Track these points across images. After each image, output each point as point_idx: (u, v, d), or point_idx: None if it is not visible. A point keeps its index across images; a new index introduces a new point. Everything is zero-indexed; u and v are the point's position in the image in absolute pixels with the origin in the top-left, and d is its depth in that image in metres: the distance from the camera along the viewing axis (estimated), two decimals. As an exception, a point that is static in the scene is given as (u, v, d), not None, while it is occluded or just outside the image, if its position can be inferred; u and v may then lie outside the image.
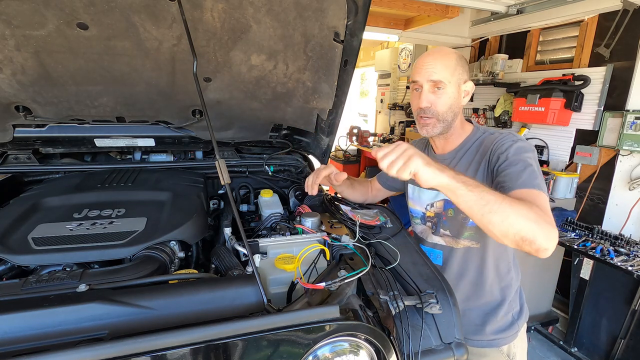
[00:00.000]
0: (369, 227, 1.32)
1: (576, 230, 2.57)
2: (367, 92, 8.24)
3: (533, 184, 0.98)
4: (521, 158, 1.04)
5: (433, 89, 1.14)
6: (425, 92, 1.14)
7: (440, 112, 1.15)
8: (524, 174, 1.00)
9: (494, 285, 1.24)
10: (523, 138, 1.13)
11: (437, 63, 1.12)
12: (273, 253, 1.13)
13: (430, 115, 1.16)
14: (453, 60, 1.13)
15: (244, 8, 1.06)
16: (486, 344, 1.25)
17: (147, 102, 1.46)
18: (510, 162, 1.05)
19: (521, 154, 1.06)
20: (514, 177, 1.00)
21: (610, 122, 2.64)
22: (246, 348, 0.70)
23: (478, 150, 1.19)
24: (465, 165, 1.20)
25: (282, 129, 1.87)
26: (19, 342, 0.70)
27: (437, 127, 1.17)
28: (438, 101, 1.14)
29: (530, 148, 1.09)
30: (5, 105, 1.35)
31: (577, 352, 2.57)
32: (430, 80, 1.13)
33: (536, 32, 3.26)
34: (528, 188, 0.97)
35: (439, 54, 1.14)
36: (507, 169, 1.04)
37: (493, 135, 1.18)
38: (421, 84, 1.15)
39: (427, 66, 1.13)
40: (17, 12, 0.97)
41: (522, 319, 1.29)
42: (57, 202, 1.30)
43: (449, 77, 1.12)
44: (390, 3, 3.05)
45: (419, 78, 1.15)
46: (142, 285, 0.87)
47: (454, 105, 1.16)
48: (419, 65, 1.16)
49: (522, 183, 0.98)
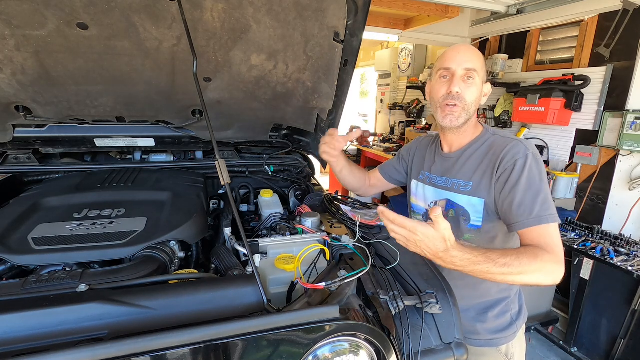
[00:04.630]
0: (369, 227, 1.32)
1: (576, 230, 2.57)
2: (367, 92, 8.24)
3: (547, 218, 1.00)
4: (533, 181, 1.04)
5: (464, 78, 1.13)
6: (457, 78, 1.12)
7: (467, 101, 1.13)
8: (537, 205, 1.01)
9: (492, 287, 1.24)
10: (533, 147, 1.11)
11: (472, 53, 1.13)
12: (273, 253, 1.13)
13: (458, 102, 1.13)
14: (482, 58, 1.15)
15: (244, 8, 1.06)
16: (484, 344, 1.25)
17: (147, 102, 1.46)
18: (522, 187, 1.04)
19: (534, 175, 1.05)
20: (528, 210, 1.02)
21: (610, 122, 2.64)
22: (246, 348, 0.70)
23: (487, 154, 1.16)
24: (472, 168, 1.18)
25: (282, 129, 1.87)
26: (19, 342, 0.70)
27: (462, 117, 1.15)
28: (467, 90, 1.13)
29: (540, 163, 1.08)
30: (5, 105, 1.35)
31: (577, 352, 2.57)
32: (465, 67, 1.11)
33: (536, 32, 3.26)
34: (542, 224, 1.00)
35: (471, 47, 1.16)
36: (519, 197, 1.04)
37: (503, 140, 1.15)
38: (454, 70, 1.13)
39: (463, 54, 1.12)
40: (17, 12, 0.97)
41: (521, 320, 1.29)
42: (57, 202, 1.31)
43: (480, 70, 1.13)
44: (390, 3, 3.05)
45: (452, 65, 1.13)
46: (142, 285, 0.87)
47: (478, 100, 1.16)
48: (452, 54, 1.14)
49: (535, 219, 1.01)
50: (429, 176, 1.31)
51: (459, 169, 1.21)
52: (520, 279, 0.92)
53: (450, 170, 1.24)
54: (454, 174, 1.22)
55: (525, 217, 1.02)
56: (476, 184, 1.15)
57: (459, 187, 1.20)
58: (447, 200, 1.25)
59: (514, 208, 1.04)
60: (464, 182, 1.19)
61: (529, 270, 0.92)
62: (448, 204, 1.24)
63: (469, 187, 1.17)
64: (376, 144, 5.05)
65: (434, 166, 1.30)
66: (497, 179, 1.10)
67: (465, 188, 1.18)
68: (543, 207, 1.01)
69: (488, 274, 0.91)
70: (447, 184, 1.24)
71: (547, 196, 1.04)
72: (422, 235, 0.86)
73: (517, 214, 1.04)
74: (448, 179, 1.24)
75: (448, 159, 1.26)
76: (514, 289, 1.28)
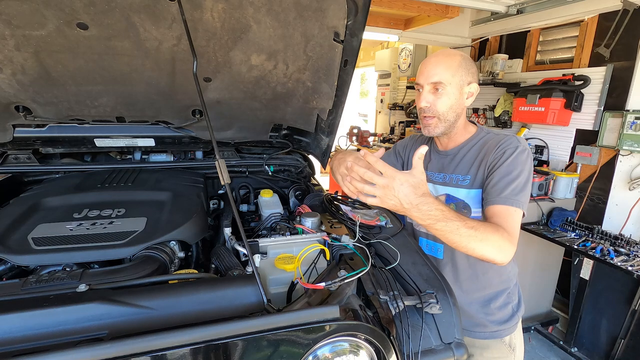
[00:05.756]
0: (369, 227, 1.32)
1: (576, 230, 2.57)
2: (367, 92, 8.24)
3: (512, 201, 1.07)
4: (514, 169, 1.10)
5: (433, 90, 1.18)
6: (425, 92, 1.19)
7: (440, 112, 1.18)
8: (508, 189, 1.08)
9: (495, 278, 1.27)
10: (525, 143, 1.16)
11: (438, 65, 1.16)
12: (273, 253, 1.13)
13: (431, 114, 1.19)
14: (456, 62, 1.15)
15: (244, 8, 1.06)
16: (489, 336, 1.28)
17: (147, 102, 1.46)
18: (502, 171, 1.11)
19: (517, 165, 1.11)
20: (498, 190, 1.09)
21: (610, 122, 2.64)
22: (246, 348, 0.70)
23: (482, 149, 1.21)
24: (468, 163, 1.23)
25: (282, 129, 1.87)
26: (19, 342, 0.70)
27: (439, 127, 1.20)
28: (438, 101, 1.17)
29: (528, 158, 1.13)
30: (5, 105, 1.35)
31: (577, 352, 2.57)
32: (431, 82, 1.17)
33: (536, 32, 3.26)
34: (506, 205, 1.07)
35: (442, 56, 1.18)
36: (496, 179, 1.11)
37: (498, 136, 1.21)
38: (422, 84, 1.20)
39: (430, 68, 1.17)
40: (17, 12, 0.97)
41: (521, 311, 1.33)
42: (57, 202, 1.31)
43: (450, 78, 1.15)
44: (390, 3, 3.05)
45: (420, 79, 1.20)
46: (142, 285, 0.87)
47: (455, 106, 1.18)
48: (421, 68, 1.20)
49: (501, 198, 1.07)
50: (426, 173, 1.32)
51: (456, 165, 1.25)
52: (479, 246, 0.95)
53: (447, 167, 1.28)
54: (452, 170, 1.26)
55: (493, 195, 1.09)
56: (473, 176, 1.20)
57: (457, 181, 1.24)
58: (447, 195, 1.26)
59: (488, 187, 1.12)
60: (462, 177, 1.23)
61: (489, 239, 0.96)
62: (448, 199, 1.26)
63: (467, 180, 1.21)
64: (376, 144, 5.04)
65: (430, 163, 1.33)
66: (488, 168, 1.16)
67: (464, 182, 1.22)
68: (512, 192, 1.08)
69: (456, 234, 0.93)
70: (445, 179, 1.27)
71: (522, 186, 1.09)
72: (400, 181, 0.86)
73: (488, 192, 1.12)
74: (446, 175, 1.28)
75: (444, 156, 1.30)
76: (513, 280, 1.32)
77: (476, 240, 0.94)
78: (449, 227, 0.92)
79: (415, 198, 0.88)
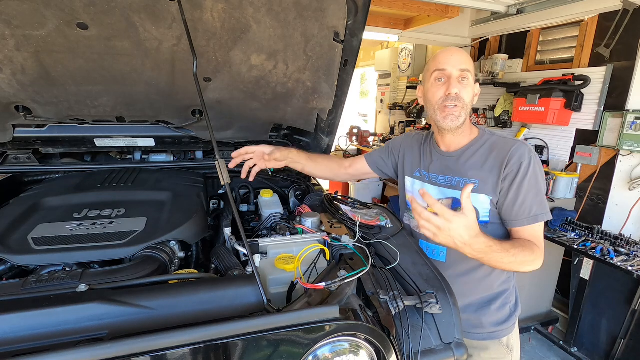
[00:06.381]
0: (369, 227, 1.32)
1: (576, 230, 2.57)
2: (367, 92, 8.24)
3: (541, 217, 1.12)
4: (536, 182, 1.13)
5: (459, 79, 1.15)
6: (454, 79, 1.15)
7: (466, 101, 1.16)
8: (535, 205, 1.12)
9: (496, 280, 1.26)
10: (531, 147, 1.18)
11: (464, 55, 1.17)
12: (273, 253, 1.13)
13: (457, 102, 1.15)
14: (471, 60, 1.19)
15: (244, 8, 1.06)
16: (487, 337, 1.28)
17: (147, 102, 1.46)
18: (525, 188, 1.12)
19: (537, 177, 1.13)
20: (527, 210, 1.12)
21: (610, 122, 2.64)
22: (246, 348, 0.70)
23: (491, 152, 1.19)
24: (476, 166, 1.20)
25: (282, 129, 1.87)
26: (19, 342, 0.70)
27: (462, 117, 1.17)
28: (464, 90, 1.15)
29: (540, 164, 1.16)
30: (5, 105, 1.35)
31: (577, 352, 2.57)
32: (460, 69, 1.14)
33: (536, 32, 3.25)
34: (537, 222, 1.12)
35: (461, 50, 1.20)
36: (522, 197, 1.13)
37: (504, 140, 1.20)
38: (450, 72, 1.15)
39: (456, 56, 1.16)
40: (17, 12, 0.97)
41: (518, 311, 1.33)
42: (57, 202, 1.31)
43: (472, 69, 1.18)
44: (390, 3, 3.05)
45: (447, 67, 1.15)
46: (142, 285, 0.87)
47: (472, 100, 1.19)
48: (445, 55, 1.17)
49: (532, 217, 1.12)
50: (428, 175, 1.31)
51: (461, 168, 1.23)
52: (519, 267, 1.07)
53: (451, 169, 1.25)
54: (456, 173, 1.23)
55: (524, 216, 1.13)
56: (482, 181, 1.17)
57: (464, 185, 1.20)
58: (453, 199, 1.25)
59: (515, 207, 1.13)
60: (469, 181, 1.20)
61: (527, 261, 1.06)
62: (455, 202, 1.25)
63: (475, 185, 1.18)
64: (376, 144, 5.04)
65: (432, 165, 1.31)
66: (503, 178, 1.15)
67: None
68: (540, 207, 1.13)
69: (499, 262, 1.03)
70: (451, 182, 1.24)
71: (544, 196, 1.15)
72: (456, 223, 0.93)
73: (517, 213, 1.13)
74: (451, 178, 1.25)
75: (448, 158, 1.27)
76: (512, 282, 1.32)
77: (516, 265, 1.05)
78: (494, 259, 1.01)
79: (469, 239, 0.95)
